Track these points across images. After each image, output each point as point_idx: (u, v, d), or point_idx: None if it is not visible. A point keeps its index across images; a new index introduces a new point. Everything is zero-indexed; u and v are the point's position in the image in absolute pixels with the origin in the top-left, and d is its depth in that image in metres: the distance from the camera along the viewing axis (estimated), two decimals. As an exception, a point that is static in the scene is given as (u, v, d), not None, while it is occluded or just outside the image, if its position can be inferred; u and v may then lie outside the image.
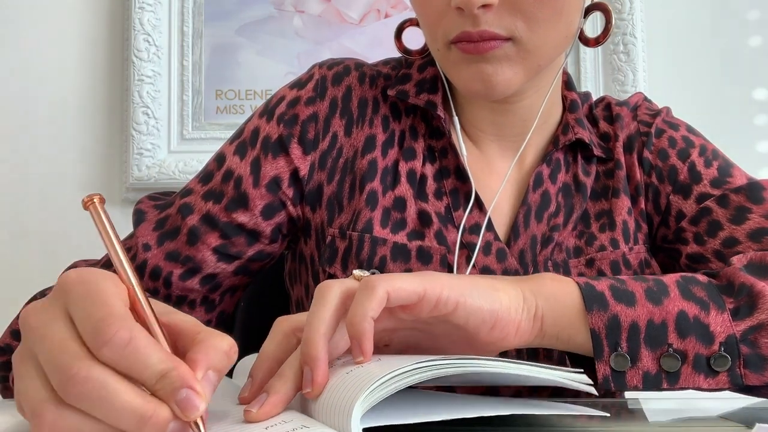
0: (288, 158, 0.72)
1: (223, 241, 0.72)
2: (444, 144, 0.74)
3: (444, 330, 0.52)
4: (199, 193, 0.74)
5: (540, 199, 0.73)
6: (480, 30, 0.63)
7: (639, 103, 0.81)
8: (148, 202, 0.78)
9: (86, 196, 0.43)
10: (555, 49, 0.68)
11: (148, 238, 0.73)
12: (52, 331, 0.40)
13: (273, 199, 0.72)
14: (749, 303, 0.55)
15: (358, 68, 0.77)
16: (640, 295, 0.54)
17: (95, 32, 1.42)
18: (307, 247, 0.75)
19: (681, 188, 0.74)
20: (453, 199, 0.72)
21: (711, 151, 0.76)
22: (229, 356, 0.42)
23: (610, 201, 0.75)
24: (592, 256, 0.72)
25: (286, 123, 0.73)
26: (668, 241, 0.75)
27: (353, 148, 0.73)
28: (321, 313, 0.47)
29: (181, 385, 0.39)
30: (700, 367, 0.52)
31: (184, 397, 0.39)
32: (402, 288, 0.47)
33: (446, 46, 0.67)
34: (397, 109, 0.76)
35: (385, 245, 0.69)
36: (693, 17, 1.41)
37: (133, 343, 0.38)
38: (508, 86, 0.66)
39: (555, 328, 0.53)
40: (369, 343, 0.45)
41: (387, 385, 0.41)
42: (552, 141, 0.76)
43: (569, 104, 0.78)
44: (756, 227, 0.69)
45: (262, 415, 0.43)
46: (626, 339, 0.52)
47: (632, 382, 0.52)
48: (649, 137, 0.77)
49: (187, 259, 0.72)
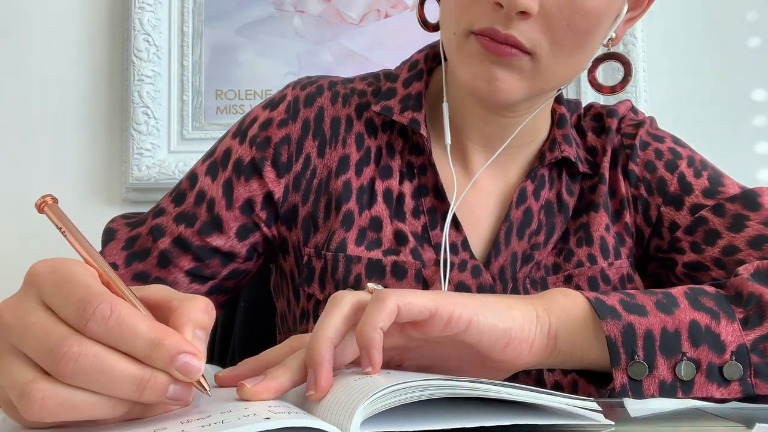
0: (261, 181, 0.72)
1: (197, 264, 0.72)
2: (423, 161, 0.73)
3: (456, 351, 0.51)
4: (171, 214, 0.73)
5: (522, 216, 0.72)
6: (507, 33, 0.62)
7: (625, 114, 0.80)
8: (121, 221, 0.76)
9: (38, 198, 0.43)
10: (565, 78, 0.68)
11: (115, 257, 0.71)
12: (33, 321, 0.40)
13: (247, 221, 0.72)
14: (758, 312, 0.54)
15: (331, 88, 0.76)
16: (651, 307, 0.54)
17: (95, 32, 1.42)
18: (287, 263, 0.75)
19: (672, 199, 0.74)
20: (430, 217, 0.71)
21: (699, 162, 0.76)
22: (208, 312, 0.43)
23: (588, 215, 0.74)
24: (570, 273, 0.71)
25: (258, 146, 0.72)
26: (662, 251, 0.74)
27: (327, 168, 0.73)
28: (330, 319, 0.46)
29: (177, 351, 0.39)
30: (713, 377, 0.52)
31: (184, 362, 0.39)
32: (413, 303, 0.47)
33: (465, 33, 0.65)
34: (373, 125, 0.74)
35: (359, 263, 0.69)
36: (692, 18, 1.42)
37: (115, 314, 0.39)
38: (510, 95, 0.65)
39: (568, 345, 0.53)
40: (378, 354, 0.45)
41: (393, 395, 0.41)
42: (538, 157, 0.75)
43: (558, 119, 0.77)
44: (755, 234, 0.69)
45: (254, 394, 0.43)
46: (642, 347, 0.52)
47: (649, 390, 0.52)
48: (633, 149, 0.76)
49: (157, 281, 0.70)
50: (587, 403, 0.47)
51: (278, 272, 0.78)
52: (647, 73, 1.38)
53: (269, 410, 0.40)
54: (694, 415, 0.56)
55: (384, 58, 1.36)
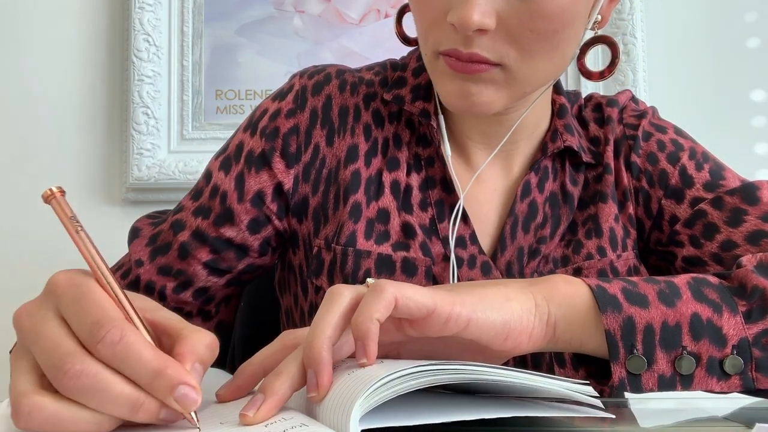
0: (271, 172, 0.72)
1: (213, 256, 0.73)
2: (431, 153, 0.73)
3: (455, 342, 0.51)
4: (189, 209, 0.74)
5: (527, 209, 0.72)
6: (470, 52, 0.61)
7: (626, 104, 0.79)
8: (145, 220, 0.79)
9: (47, 189, 0.44)
10: (545, 79, 0.67)
11: (140, 254, 0.74)
12: (46, 331, 0.42)
13: (258, 214, 0.72)
14: (762, 306, 0.54)
15: (339, 76, 0.76)
16: (653, 297, 0.53)
17: (95, 32, 1.42)
18: (296, 257, 0.75)
19: (673, 192, 0.73)
20: (438, 210, 0.71)
21: (701, 154, 0.75)
22: (211, 349, 0.44)
23: (596, 206, 0.73)
24: (579, 265, 0.71)
25: (268, 137, 0.73)
26: (662, 244, 0.74)
27: (336, 158, 0.73)
28: (328, 317, 0.46)
29: (178, 382, 0.40)
30: (713, 370, 0.52)
31: (183, 393, 0.41)
32: (411, 298, 0.46)
33: (434, 54, 0.65)
34: (380, 116, 0.74)
35: (369, 257, 0.69)
36: (692, 18, 1.42)
37: (124, 341, 0.41)
38: (489, 107, 0.65)
39: (567, 334, 0.53)
40: (373, 345, 0.44)
41: (389, 387, 0.41)
42: (540, 148, 0.75)
43: (558, 109, 0.76)
44: (753, 230, 0.69)
45: (259, 418, 0.43)
46: (641, 341, 0.52)
47: (647, 384, 0.52)
48: (636, 141, 0.75)
49: (180, 273, 0.73)
50: (583, 387, 0.47)
51: (285, 267, 0.78)
52: (647, 73, 1.38)
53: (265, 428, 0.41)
54: (694, 415, 0.57)
55: (384, 58, 1.36)
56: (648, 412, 0.60)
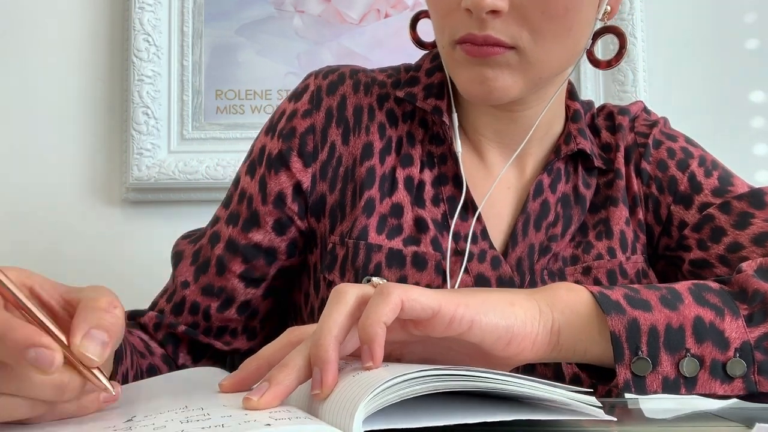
0: (289, 172, 0.73)
1: (246, 266, 0.74)
2: (444, 150, 0.74)
3: (458, 346, 0.51)
4: (223, 218, 0.76)
5: (539, 208, 0.73)
6: (485, 34, 0.63)
7: (638, 114, 0.81)
8: (183, 242, 0.80)
9: None
10: (559, 65, 0.68)
11: (186, 275, 0.76)
12: None
13: (280, 215, 0.73)
14: (763, 309, 0.54)
15: (353, 76, 0.77)
16: (656, 302, 0.54)
17: (95, 32, 1.42)
18: (313, 255, 0.76)
19: (682, 198, 0.74)
20: (450, 206, 0.72)
21: (710, 162, 0.76)
22: (108, 311, 0.44)
23: (608, 210, 0.74)
24: (588, 264, 0.72)
25: (285, 137, 0.74)
26: (671, 249, 0.75)
27: (352, 156, 0.74)
28: (335, 316, 0.46)
29: (25, 345, 0.40)
30: (716, 373, 0.52)
31: (33, 356, 0.40)
32: (417, 300, 0.46)
33: (451, 44, 0.67)
34: (394, 116, 0.76)
35: (380, 251, 0.69)
36: (692, 19, 1.42)
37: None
38: (506, 93, 0.66)
39: (571, 340, 0.53)
40: (380, 348, 0.44)
41: (393, 390, 0.41)
42: (554, 150, 0.76)
43: (572, 114, 0.78)
44: (759, 232, 0.69)
45: (263, 404, 0.43)
46: (646, 342, 0.52)
47: (652, 386, 0.52)
48: (646, 148, 0.76)
49: (221, 291, 0.74)
50: (585, 396, 0.47)
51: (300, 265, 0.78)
52: (647, 73, 1.38)
53: (270, 416, 0.40)
54: (694, 415, 0.57)
55: (384, 58, 1.36)
56: (648, 411, 0.61)
